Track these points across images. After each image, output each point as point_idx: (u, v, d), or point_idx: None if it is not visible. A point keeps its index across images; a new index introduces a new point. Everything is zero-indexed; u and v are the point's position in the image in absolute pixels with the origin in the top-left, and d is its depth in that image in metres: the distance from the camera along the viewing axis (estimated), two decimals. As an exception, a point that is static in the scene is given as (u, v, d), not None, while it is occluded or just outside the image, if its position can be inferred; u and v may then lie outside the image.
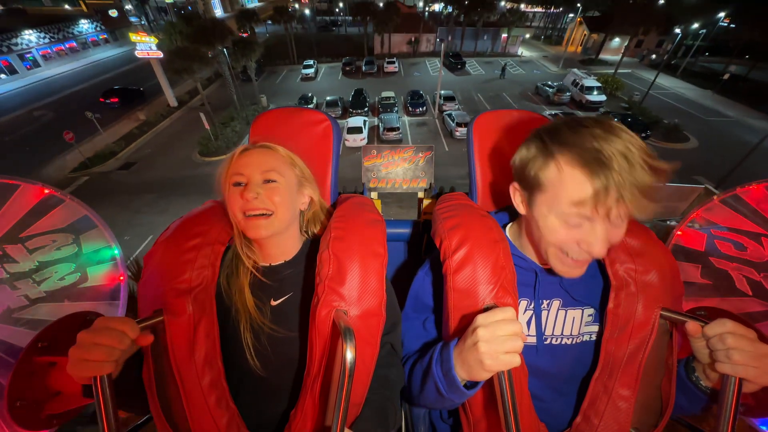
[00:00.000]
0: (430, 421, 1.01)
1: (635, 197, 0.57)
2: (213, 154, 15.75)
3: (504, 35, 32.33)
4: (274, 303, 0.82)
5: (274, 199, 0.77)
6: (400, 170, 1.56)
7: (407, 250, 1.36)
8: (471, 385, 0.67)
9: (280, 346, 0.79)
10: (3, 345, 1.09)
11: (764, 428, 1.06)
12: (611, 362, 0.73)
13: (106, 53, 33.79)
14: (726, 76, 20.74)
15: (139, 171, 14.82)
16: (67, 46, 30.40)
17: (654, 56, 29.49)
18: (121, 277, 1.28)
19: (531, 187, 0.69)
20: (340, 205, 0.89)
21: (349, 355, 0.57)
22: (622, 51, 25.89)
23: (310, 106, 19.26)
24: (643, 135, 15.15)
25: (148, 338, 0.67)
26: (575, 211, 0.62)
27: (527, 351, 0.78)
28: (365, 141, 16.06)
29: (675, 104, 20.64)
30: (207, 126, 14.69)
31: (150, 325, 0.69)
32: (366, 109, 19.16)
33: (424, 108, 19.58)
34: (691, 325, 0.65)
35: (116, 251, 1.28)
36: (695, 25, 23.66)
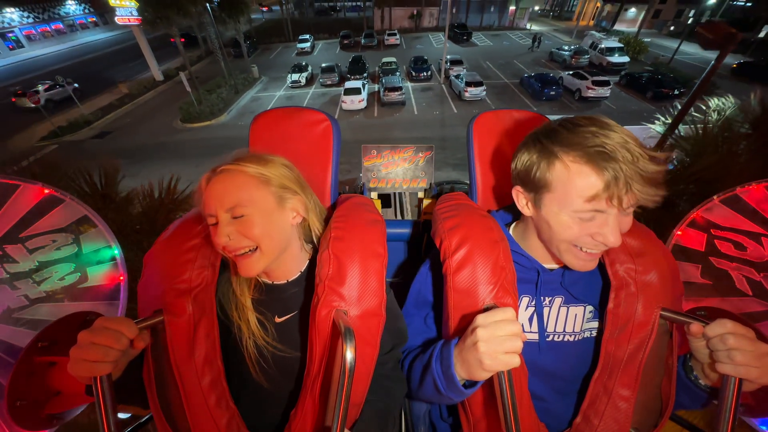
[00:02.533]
0: (430, 421, 1.01)
1: (642, 185, 0.60)
2: (195, 119, 14.61)
3: (512, 8, 30.02)
4: (278, 320, 0.80)
5: (251, 234, 0.68)
6: (400, 170, 1.56)
7: (407, 250, 1.36)
8: (470, 384, 0.67)
9: (285, 362, 0.78)
10: (3, 345, 1.09)
11: (764, 428, 1.06)
12: (611, 362, 0.73)
13: (95, 36, 32.37)
14: (763, 34, 18.29)
15: (114, 139, 13.88)
16: (52, 27, 29.45)
17: (673, 27, 27.18)
18: (121, 277, 1.28)
19: (537, 188, 0.69)
20: (340, 205, 0.89)
21: (349, 355, 0.57)
22: (639, 21, 23.89)
23: (305, 74, 18.34)
24: (676, 92, 14.13)
25: (142, 342, 0.66)
26: (588, 206, 0.63)
27: (530, 349, 0.79)
28: (364, 103, 14.80)
29: (703, 66, 17.95)
30: (188, 89, 13.76)
31: (150, 325, 0.69)
32: (365, 74, 17.68)
33: (429, 73, 18.11)
34: (692, 326, 0.65)
35: (116, 251, 1.28)
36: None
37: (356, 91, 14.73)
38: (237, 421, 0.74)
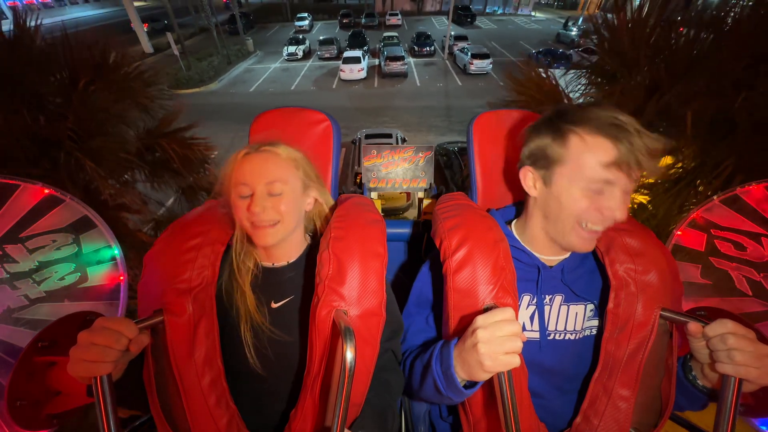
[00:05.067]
0: (429, 420, 1.01)
1: (649, 158, 0.65)
2: (183, 86, 13.96)
3: None
4: (274, 305, 0.81)
5: (280, 209, 0.76)
6: (400, 170, 1.56)
7: (407, 250, 1.36)
8: (470, 384, 0.67)
9: (280, 348, 0.79)
10: (3, 345, 1.09)
11: (764, 428, 1.06)
12: (611, 362, 0.73)
13: (86, 12, 30.28)
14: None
15: (97, 107, 13.41)
16: (39, 0, 28.11)
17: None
18: (121, 277, 1.28)
19: (549, 164, 0.73)
20: (340, 205, 0.89)
21: (349, 355, 0.57)
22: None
23: (302, 47, 17.82)
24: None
25: (141, 344, 0.66)
26: (602, 174, 0.66)
27: (530, 347, 0.79)
28: (364, 73, 14.17)
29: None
30: (176, 51, 13.01)
31: (150, 325, 0.69)
32: (366, 48, 16.84)
33: (432, 48, 17.53)
34: (692, 326, 0.65)
35: (116, 251, 1.28)
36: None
37: (356, 60, 14.09)
38: (237, 421, 0.74)
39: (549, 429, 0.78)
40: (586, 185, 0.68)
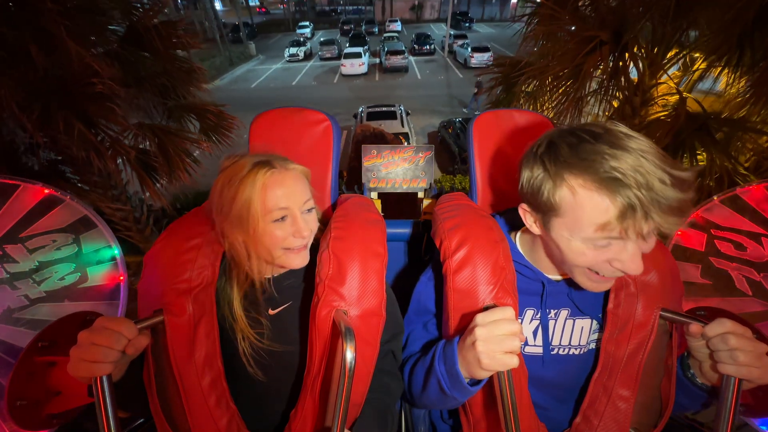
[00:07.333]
0: (430, 421, 1.01)
1: (662, 215, 0.52)
2: None
3: (514, 0, 27.27)
4: (272, 312, 0.80)
5: (315, 225, 0.76)
6: (400, 170, 1.55)
7: (407, 251, 1.36)
8: (473, 382, 0.67)
9: (279, 354, 0.78)
10: (3, 345, 1.09)
11: (764, 428, 1.06)
12: (611, 362, 0.73)
13: None
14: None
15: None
16: None
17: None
18: (121, 277, 1.28)
19: (544, 211, 0.63)
20: (340, 205, 0.89)
21: (349, 355, 0.57)
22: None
23: (303, 48, 18.98)
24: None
25: (141, 344, 0.65)
26: (601, 234, 0.56)
27: (533, 362, 0.78)
28: (365, 67, 14.54)
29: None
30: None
31: (150, 325, 0.69)
32: (366, 47, 17.38)
33: (432, 47, 18.42)
34: (691, 326, 0.65)
35: (116, 251, 1.28)
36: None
37: (357, 55, 14.53)
38: (237, 421, 0.74)
39: (549, 430, 0.78)
40: (589, 241, 0.59)
